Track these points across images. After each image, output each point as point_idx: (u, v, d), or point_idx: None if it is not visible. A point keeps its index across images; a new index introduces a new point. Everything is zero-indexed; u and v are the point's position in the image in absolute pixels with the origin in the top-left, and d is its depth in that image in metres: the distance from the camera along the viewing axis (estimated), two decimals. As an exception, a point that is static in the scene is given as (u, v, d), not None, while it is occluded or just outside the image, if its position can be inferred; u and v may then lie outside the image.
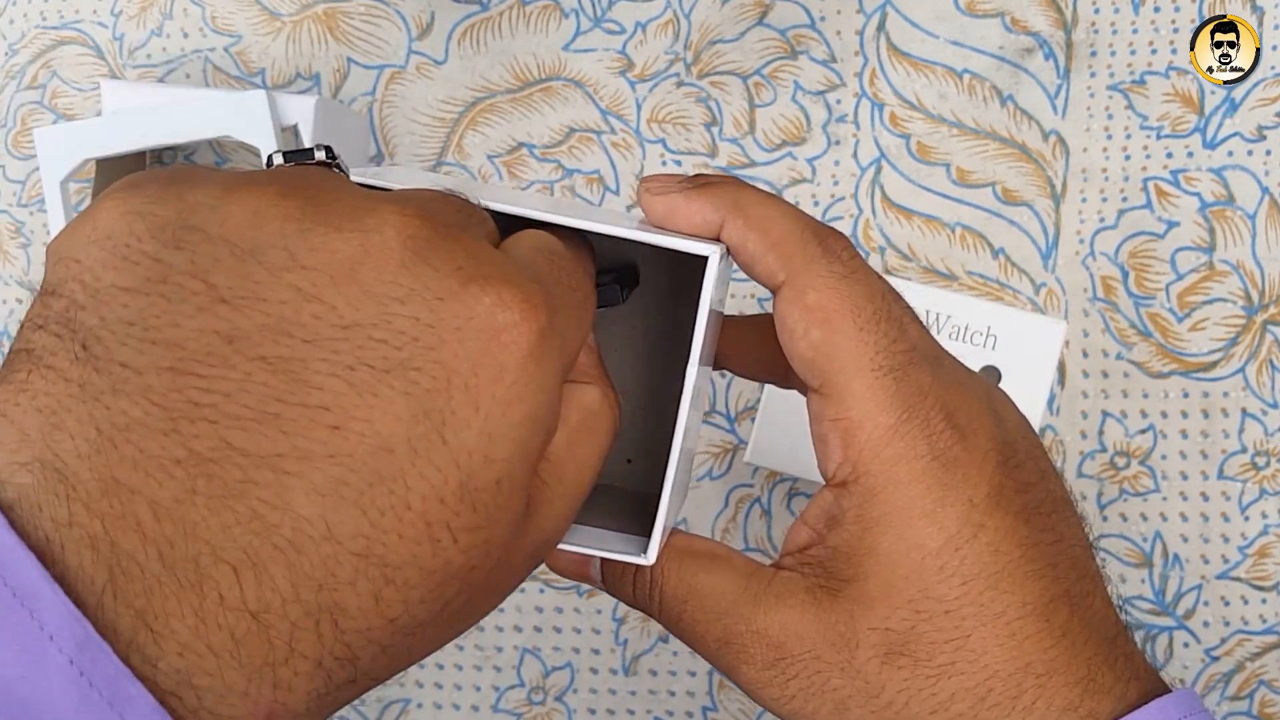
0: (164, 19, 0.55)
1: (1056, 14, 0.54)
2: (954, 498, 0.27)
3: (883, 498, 0.27)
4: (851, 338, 0.27)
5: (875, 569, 0.27)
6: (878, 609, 0.27)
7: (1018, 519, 0.28)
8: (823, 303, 0.27)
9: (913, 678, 0.27)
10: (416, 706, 0.55)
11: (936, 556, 0.27)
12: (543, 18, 0.55)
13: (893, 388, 0.27)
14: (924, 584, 0.27)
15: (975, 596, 0.27)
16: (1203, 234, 0.53)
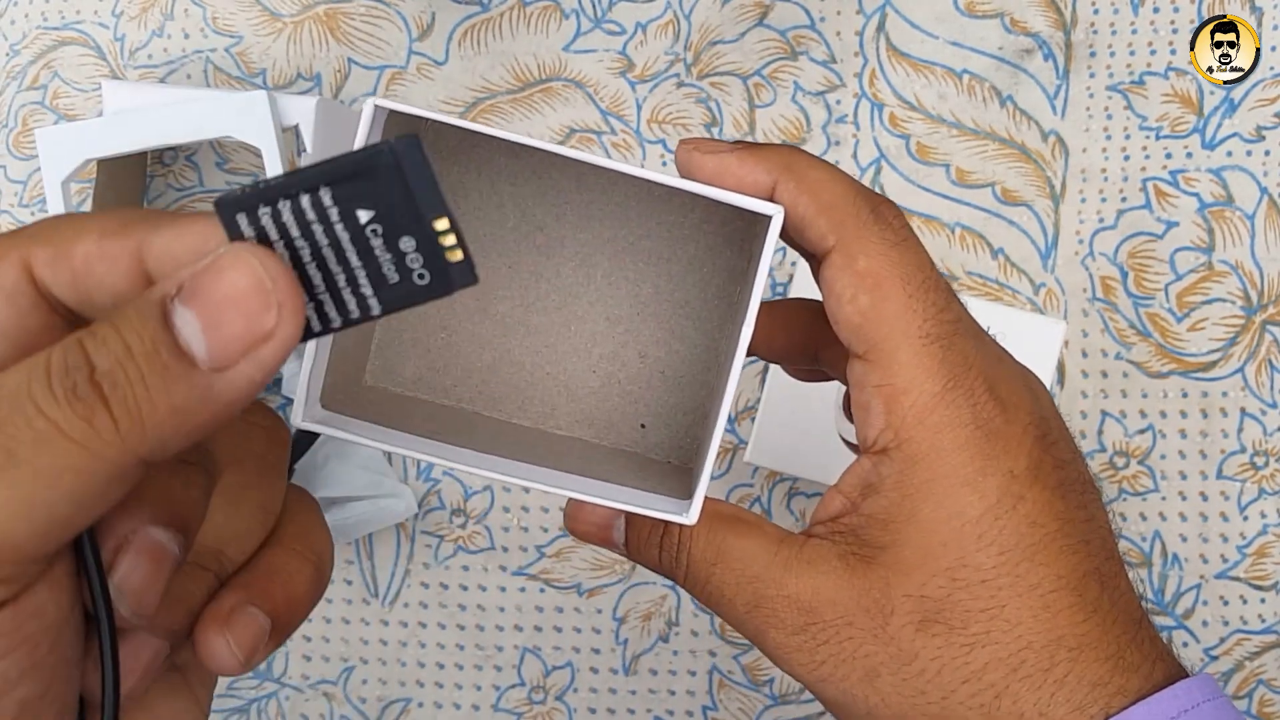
0: (165, 19, 0.56)
1: (1056, 14, 0.54)
2: (995, 468, 0.27)
3: (925, 464, 0.27)
4: (901, 304, 0.27)
5: (913, 535, 0.27)
6: (914, 575, 0.27)
7: (1054, 494, 0.28)
8: (873, 269, 0.27)
9: (946, 646, 0.27)
10: (417, 706, 0.55)
11: (976, 525, 0.27)
12: (543, 18, 0.55)
13: (940, 355, 0.27)
14: (963, 552, 0.27)
15: (1012, 567, 0.27)
16: (1202, 234, 0.53)
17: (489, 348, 0.35)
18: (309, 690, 0.56)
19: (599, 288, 0.35)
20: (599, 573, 0.55)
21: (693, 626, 0.55)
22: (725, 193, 0.27)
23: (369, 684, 0.55)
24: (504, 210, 0.34)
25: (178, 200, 0.56)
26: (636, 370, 0.35)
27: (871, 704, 0.28)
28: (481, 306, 0.34)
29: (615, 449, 0.35)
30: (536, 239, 0.34)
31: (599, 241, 0.34)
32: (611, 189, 0.34)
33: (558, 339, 0.35)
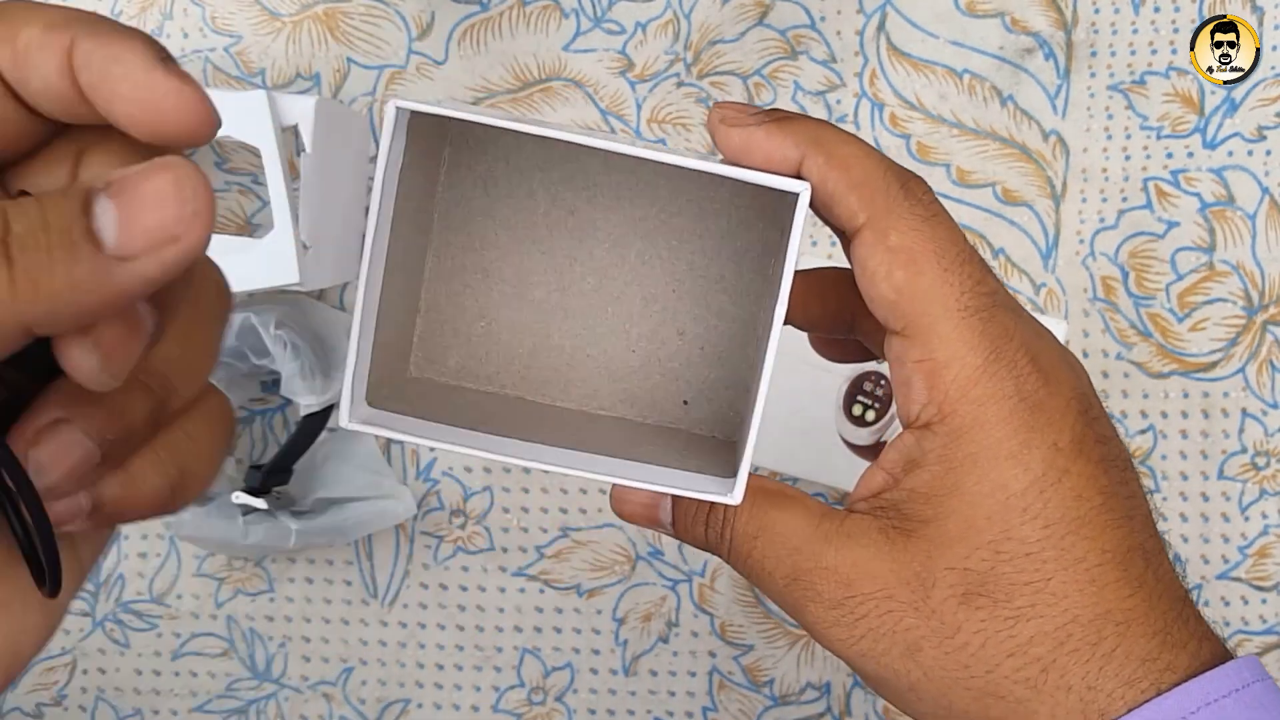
0: (164, 19, 0.55)
1: (1056, 14, 0.54)
2: (1039, 440, 0.27)
3: (969, 437, 0.27)
4: (936, 279, 0.27)
5: (957, 508, 0.27)
6: (957, 548, 0.27)
7: (1098, 468, 0.28)
8: (906, 244, 0.27)
9: (990, 619, 0.27)
10: (416, 706, 0.55)
11: (1021, 498, 0.27)
12: (543, 18, 0.55)
13: (979, 328, 0.27)
14: (1007, 525, 0.27)
15: (1057, 540, 0.27)
16: (1203, 234, 0.53)
17: (529, 333, 0.35)
18: (308, 691, 0.55)
19: (633, 267, 0.35)
20: (599, 573, 0.55)
21: (693, 627, 0.55)
22: (749, 173, 0.27)
23: (368, 685, 0.55)
24: (535, 197, 0.35)
25: (177, 200, 0.56)
26: (676, 348, 0.35)
27: (913, 679, 0.28)
28: (519, 293, 0.35)
29: (659, 426, 0.35)
30: (569, 223, 0.35)
31: (631, 221, 0.35)
32: (640, 169, 0.34)
33: (596, 321, 0.35)
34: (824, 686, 0.55)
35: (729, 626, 0.55)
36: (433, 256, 0.35)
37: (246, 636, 0.55)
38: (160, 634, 0.55)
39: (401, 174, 0.29)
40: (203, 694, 0.55)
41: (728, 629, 0.55)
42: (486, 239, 0.35)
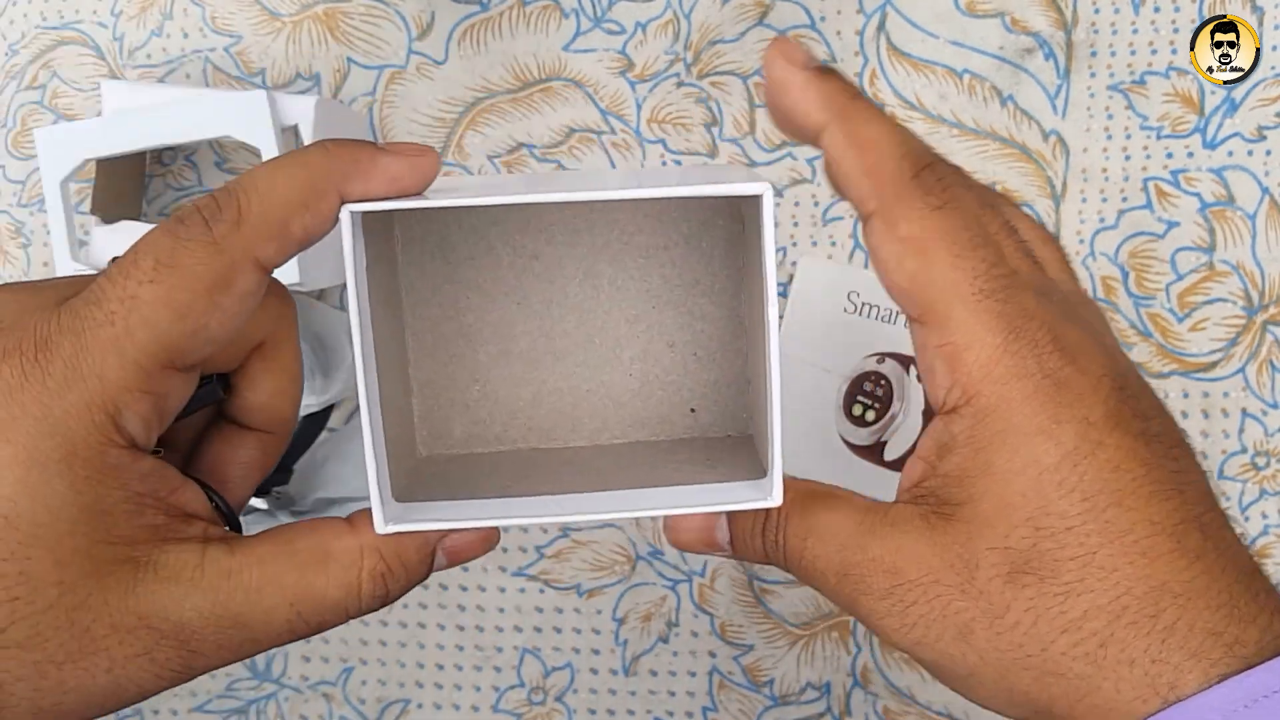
0: (164, 19, 0.55)
1: (1056, 14, 0.54)
2: (1069, 415, 0.27)
3: (996, 416, 0.27)
4: (947, 265, 0.27)
5: (990, 488, 0.27)
6: (995, 527, 0.27)
7: (1138, 440, 0.27)
8: (915, 234, 0.27)
9: (1039, 596, 0.27)
10: (416, 707, 0.55)
11: (1054, 472, 0.27)
12: (543, 18, 0.55)
13: (996, 309, 0.27)
14: (1043, 500, 0.27)
15: (1099, 514, 0.26)
16: (1203, 234, 0.53)
17: (525, 385, 0.35)
18: (308, 691, 0.55)
19: (609, 295, 0.35)
20: (599, 573, 0.55)
21: (693, 627, 0.55)
22: (709, 186, 0.28)
23: (368, 685, 0.55)
24: (495, 252, 0.35)
25: (177, 200, 0.56)
26: (670, 360, 0.35)
27: (970, 663, 0.27)
28: (504, 349, 0.35)
29: (674, 440, 0.36)
30: (535, 268, 0.35)
31: (595, 251, 0.35)
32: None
33: (586, 355, 0.35)
34: (824, 686, 0.55)
35: (729, 626, 0.55)
36: (411, 337, 0.35)
37: (246, 636, 0.55)
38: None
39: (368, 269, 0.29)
40: (203, 694, 0.55)
41: (728, 629, 0.55)
42: (459, 304, 0.35)
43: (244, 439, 0.33)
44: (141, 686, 0.27)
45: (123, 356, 0.27)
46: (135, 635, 0.27)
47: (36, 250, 0.56)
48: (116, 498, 0.27)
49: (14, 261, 0.56)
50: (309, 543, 0.29)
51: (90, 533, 0.27)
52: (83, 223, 0.52)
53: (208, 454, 0.33)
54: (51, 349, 0.27)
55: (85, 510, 0.27)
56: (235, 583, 0.28)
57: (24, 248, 0.56)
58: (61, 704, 0.27)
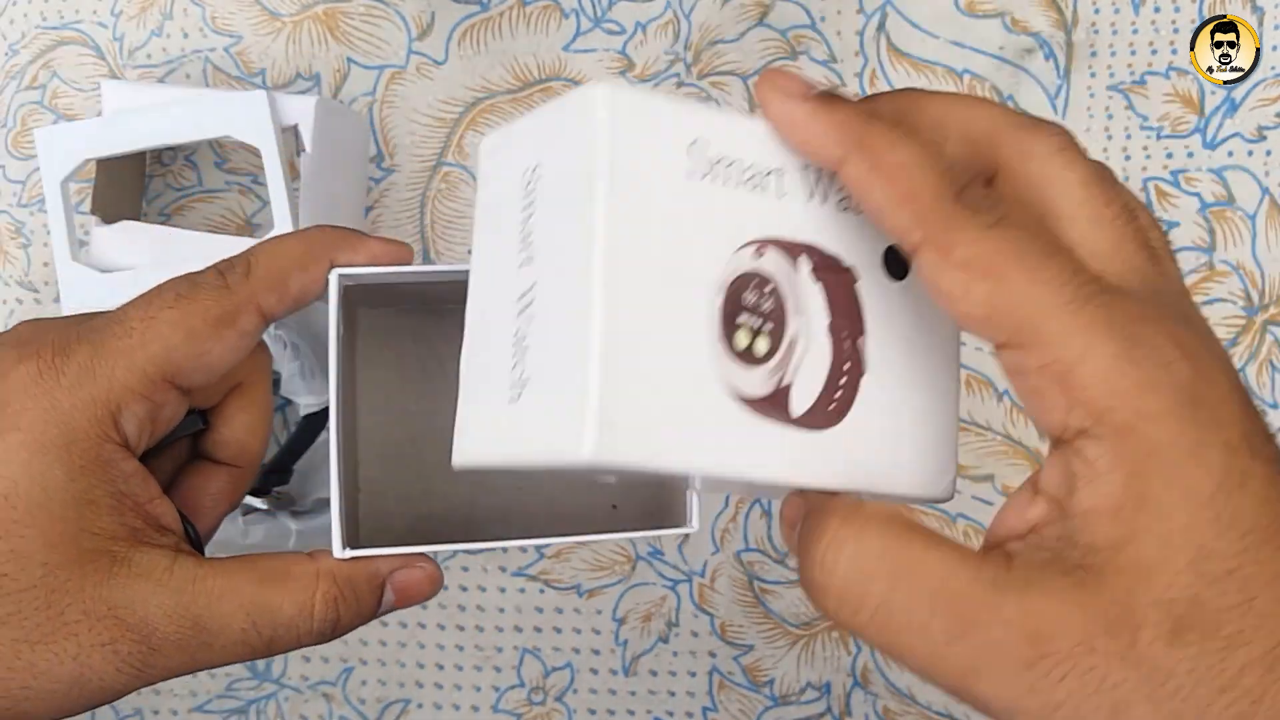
0: (164, 19, 0.55)
1: (1056, 14, 0.54)
2: (1212, 438, 0.23)
3: (1139, 434, 0.23)
4: (1025, 281, 0.24)
5: (1150, 524, 0.23)
6: (1159, 575, 0.23)
7: (1275, 468, 0.24)
8: (976, 254, 0.24)
9: (1201, 654, 0.23)
10: (416, 707, 0.55)
11: (1210, 505, 0.23)
12: (543, 18, 0.55)
13: (1098, 315, 0.23)
14: (1201, 539, 0.23)
15: (1255, 553, 0.23)
16: (1203, 234, 0.53)
17: (462, 480, 0.37)
18: (308, 691, 0.55)
19: None
20: (599, 573, 0.55)
21: (693, 627, 0.55)
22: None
23: (368, 685, 0.55)
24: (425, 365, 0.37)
25: (177, 200, 0.56)
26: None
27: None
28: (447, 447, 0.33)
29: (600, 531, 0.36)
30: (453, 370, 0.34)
31: None
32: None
33: None
34: (824, 686, 0.55)
35: (729, 626, 0.55)
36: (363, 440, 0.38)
37: (246, 636, 0.55)
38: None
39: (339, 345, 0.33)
40: (203, 694, 0.55)
41: (728, 629, 0.55)
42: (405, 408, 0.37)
43: (216, 472, 0.36)
44: (102, 679, 0.29)
45: (132, 362, 0.31)
46: (104, 624, 0.29)
47: (36, 250, 0.56)
48: (104, 491, 0.30)
49: (14, 261, 0.56)
50: (271, 563, 0.32)
51: (78, 520, 0.30)
52: (83, 223, 0.52)
53: (183, 485, 0.36)
54: (69, 353, 0.31)
55: (76, 498, 0.30)
56: (199, 587, 0.31)
57: (24, 248, 0.56)
58: (29, 689, 0.29)
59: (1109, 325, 0.23)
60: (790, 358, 0.26)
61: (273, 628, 0.31)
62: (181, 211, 0.56)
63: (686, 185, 0.26)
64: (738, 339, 0.26)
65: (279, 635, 0.31)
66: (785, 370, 0.26)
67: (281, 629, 0.31)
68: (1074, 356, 0.23)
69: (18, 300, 0.56)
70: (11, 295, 0.56)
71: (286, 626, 0.31)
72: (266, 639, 0.31)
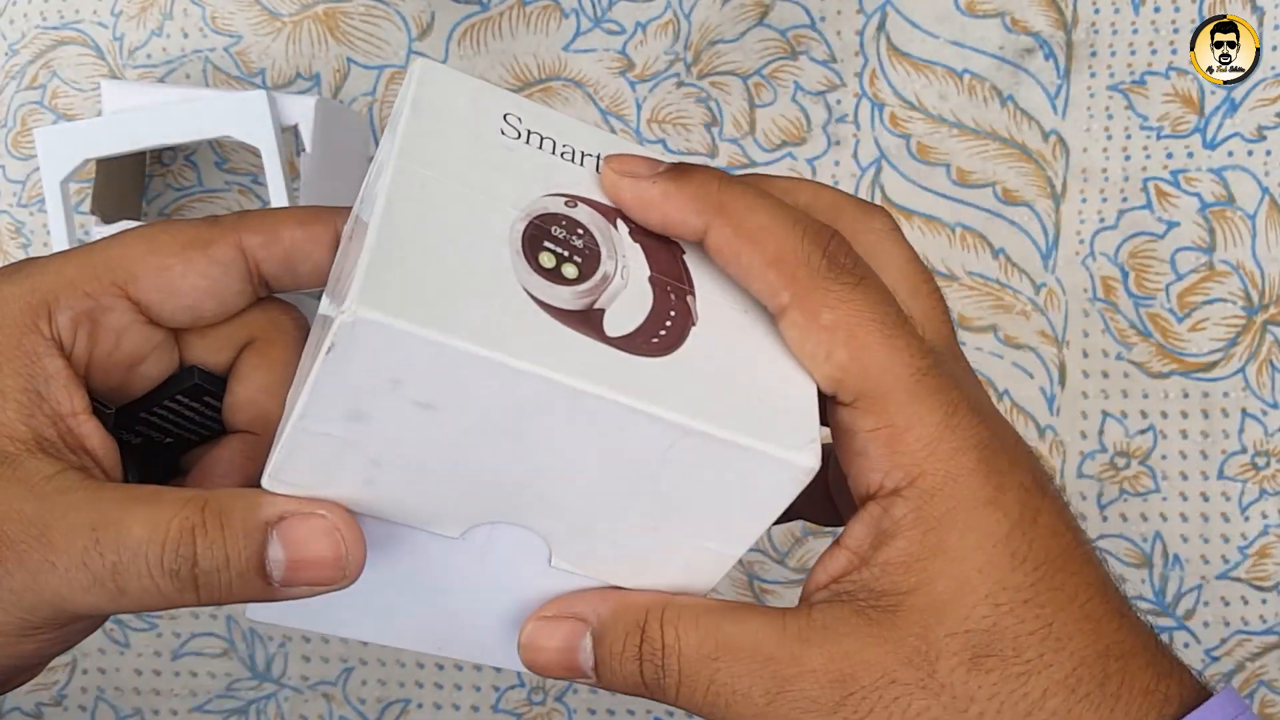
0: (164, 19, 0.55)
1: (1056, 14, 0.54)
2: (1010, 483, 0.26)
3: (945, 493, 0.26)
4: (884, 349, 0.26)
5: (944, 568, 0.26)
6: (953, 610, 0.26)
7: (1058, 503, 0.27)
8: (841, 320, 0.26)
9: (1002, 679, 0.25)
10: (416, 707, 0.55)
11: (1007, 543, 0.26)
12: (543, 18, 0.55)
13: (933, 385, 0.26)
14: (999, 574, 0.26)
15: (1049, 580, 0.26)
16: (1203, 234, 0.53)
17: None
18: (308, 691, 0.55)
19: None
20: (599, 573, 0.55)
21: (693, 627, 0.55)
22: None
23: (369, 685, 0.55)
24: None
25: (177, 200, 0.56)
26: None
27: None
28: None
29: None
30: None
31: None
32: None
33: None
34: (824, 686, 0.55)
35: None
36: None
37: (246, 636, 0.55)
38: (160, 634, 0.55)
39: None
40: (203, 694, 0.55)
41: (728, 629, 0.55)
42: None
43: (228, 439, 0.32)
44: None
45: (82, 262, 0.29)
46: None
47: (36, 250, 0.56)
48: (16, 384, 0.27)
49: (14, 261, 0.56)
50: (162, 489, 0.27)
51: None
52: (83, 223, 0.52)
53: (192, 453, 0.33)
54: (28, 260, 0.29)
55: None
56: (65, 498, 0.27)
57: (24, 248, 0.56)
58: None
59: (937, 394, 0.26)
60: (604, 287, 0.26)
61: (117, 551, 0.26)
62: (181, 211, 0.56)
63: (499, 139, 0.26)
64: (543, 259, 0.26)
65: (124, 564, 0.26)
66: (597, 296, 0.26)
67: (127, 554, 0.26)
68: (905, 424, 0.26)
69: (18, 300, 0.56)
70: (11, 295, 0.56)
71: (133, 552, 0.26)
72: (110, 566, 0.26)
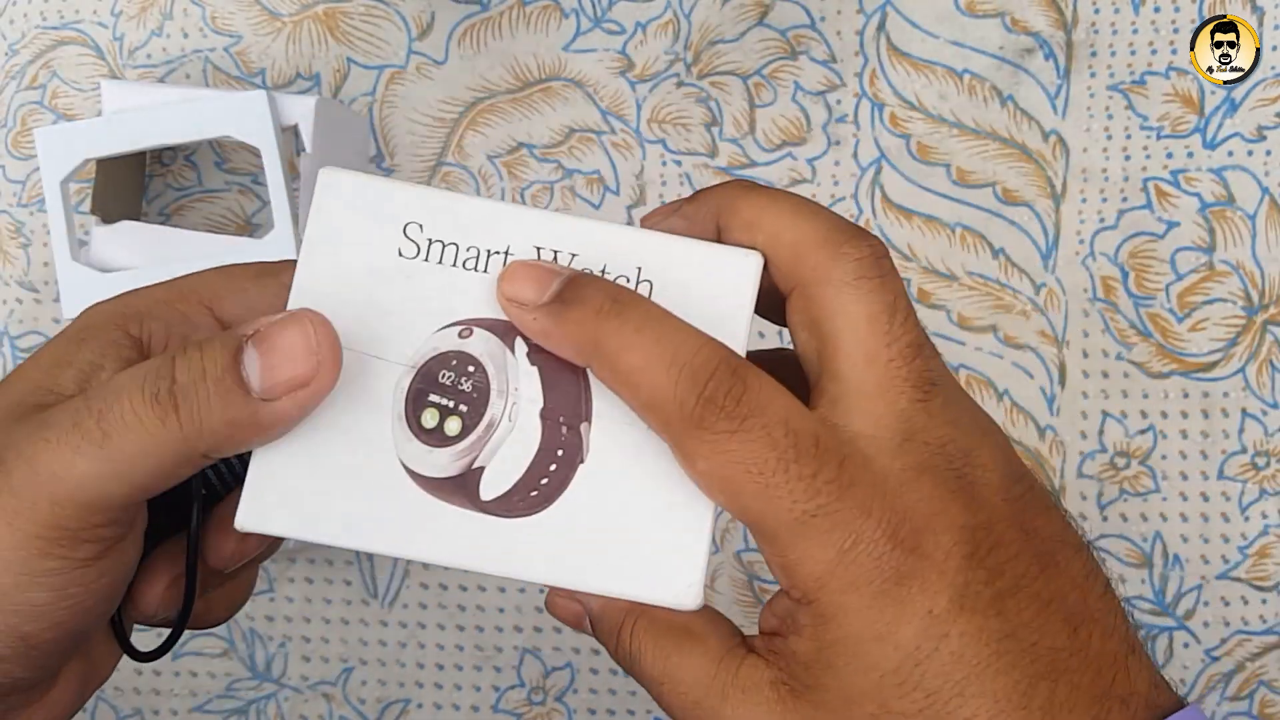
0: (164, 19, 0.55)
1: (1056, 14, 0.54)
2: (910, 614, 0.26)
3: (835, 624, 0.26)
4: (757, 498, 0.26)
5: (833, 684, 0.26)
6: (839, 717, 0.27)
7: (987, 615, 0.26)
8: (715, 468, 0.26)
9: None
10: (416, 707, 0.55)
11: (894, 675, 0.26)
12: (543, 18, 0.55)
13: (824, 526, 0.26)
14: (883, 700, 0.26)
15: (941, 706, 0.26)
16: (1203, 234, 0.53)
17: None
18: (308, 691, 0.55)
19: None
20: (599, 573, 0.55)
21: (693, 627, 0.55)
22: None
23: (368, 685, 0.55)
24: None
25: (177, 200, 0.56)
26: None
27: None
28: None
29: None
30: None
31: None
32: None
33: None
34: (824, 686, 0.55)
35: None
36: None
37: (246, 636, 0.55)
38: (161, 634, 0.55)
39: None
40: (203, 694, 0.55)
41: (728, 629, 0.55)
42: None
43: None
44: None
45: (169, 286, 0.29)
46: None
47: (36, 250, 0.56)
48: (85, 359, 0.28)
49: (14, 261, 0.56)
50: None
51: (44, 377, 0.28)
52: (83, 223, 0.52)
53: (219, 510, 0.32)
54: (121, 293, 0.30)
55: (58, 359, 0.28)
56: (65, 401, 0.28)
57: (24, 248, 0.56)
58: None
59: (828, 535, 0.26)
60: (486, 439, 0.27)
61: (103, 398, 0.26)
62: (181, 211, 0.56)
63: (397, 263, 0.27)
64: (426, 417, 0.27)
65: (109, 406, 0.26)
66: (478, 452, 0.27)
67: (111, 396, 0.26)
68: (795, 559, 0.26)
69: (18, 300, 0.56)
70: (11, 295, 0.56)
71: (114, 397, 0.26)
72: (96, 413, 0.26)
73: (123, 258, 0.50)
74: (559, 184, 0.55)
